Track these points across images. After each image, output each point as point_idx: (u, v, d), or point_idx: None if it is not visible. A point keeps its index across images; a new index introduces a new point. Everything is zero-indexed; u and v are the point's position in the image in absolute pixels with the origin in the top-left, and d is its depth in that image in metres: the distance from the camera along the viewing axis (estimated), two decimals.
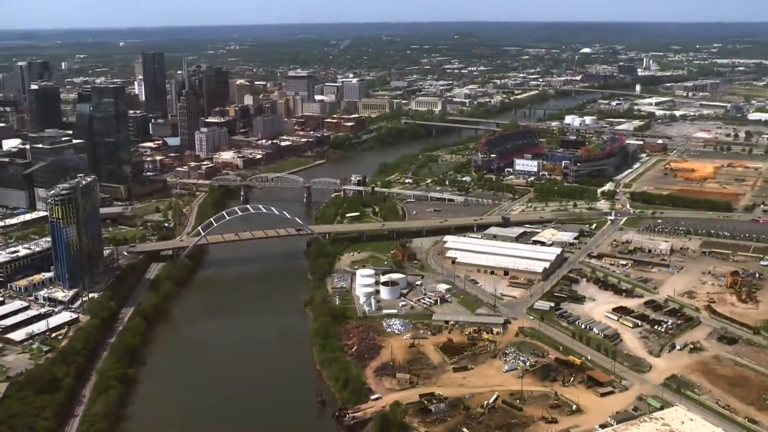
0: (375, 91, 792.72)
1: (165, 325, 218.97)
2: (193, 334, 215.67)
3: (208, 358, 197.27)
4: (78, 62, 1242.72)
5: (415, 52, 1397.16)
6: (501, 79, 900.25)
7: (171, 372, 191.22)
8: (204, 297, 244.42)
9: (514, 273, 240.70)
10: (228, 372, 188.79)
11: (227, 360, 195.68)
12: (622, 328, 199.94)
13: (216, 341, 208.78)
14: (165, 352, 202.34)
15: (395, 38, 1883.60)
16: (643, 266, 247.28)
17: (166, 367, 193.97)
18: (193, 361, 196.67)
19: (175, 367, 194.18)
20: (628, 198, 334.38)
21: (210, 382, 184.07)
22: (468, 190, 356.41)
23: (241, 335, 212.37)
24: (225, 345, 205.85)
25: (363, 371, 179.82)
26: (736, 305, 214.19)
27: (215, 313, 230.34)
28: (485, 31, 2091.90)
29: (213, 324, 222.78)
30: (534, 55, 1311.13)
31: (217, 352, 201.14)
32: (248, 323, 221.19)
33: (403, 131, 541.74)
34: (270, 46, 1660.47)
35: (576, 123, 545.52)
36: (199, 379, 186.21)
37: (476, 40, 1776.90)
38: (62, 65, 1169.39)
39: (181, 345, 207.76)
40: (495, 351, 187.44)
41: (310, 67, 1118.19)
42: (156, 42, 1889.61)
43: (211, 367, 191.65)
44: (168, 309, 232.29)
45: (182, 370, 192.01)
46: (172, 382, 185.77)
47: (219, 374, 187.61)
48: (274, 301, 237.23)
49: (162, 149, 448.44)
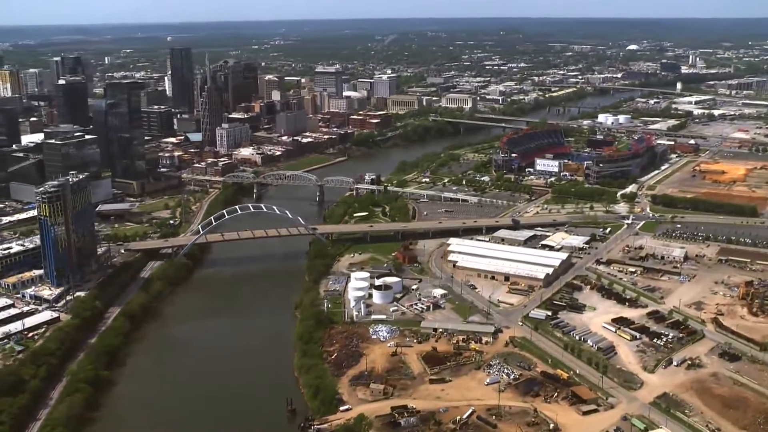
0: (410, 88, 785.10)
1: (152, 326, 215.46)
2: (180, 334, 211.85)
3: (188, 361, 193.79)
4: (122, 57, 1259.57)
5: (458, 49, 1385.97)
6: (539, 77, 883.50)
7: (148, 374, 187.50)
8: (198, 296, 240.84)
9: (515, 279, 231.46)
10: (205, 376, 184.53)
11: (208, 363, 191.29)
12: (618, 341, 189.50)
13: (200, 343, 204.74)
14: (146, 353, 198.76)
15: (440, 34, 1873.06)
16: (652, 274, 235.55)
17: (144, 368, 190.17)
18: (172, 364, 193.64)
19: (153, 369, 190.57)
20: (649, 201, 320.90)
21: (185, 385, 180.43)
22: (484, 191, 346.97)
23: (228, 337, 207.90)
24: (209, 347, 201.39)
25: (339, 380, 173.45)
26: (746, 318, 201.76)
27: (206, 314, 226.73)
28: (532, 27, 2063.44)
29: (201, 325, 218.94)
30: (578, 51, 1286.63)
31: (199, 355, 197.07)
32: (237, 324, 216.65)
33: (430, 129, 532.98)
34: (315, 41, 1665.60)
35: (609, 122, 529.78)
36: (175, 382, 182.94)
37: (522, 36, 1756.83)
38: (105, 60, 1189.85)
39: (165, 346, 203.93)
40: (480, 362, 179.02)
41: (349, 62, 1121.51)
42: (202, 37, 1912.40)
43: (190, 370, 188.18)
44: (160, 308, 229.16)
45: (160, 372, 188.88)
46: (147, 384, 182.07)
47: (196, 378, 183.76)
48: (268, 303, 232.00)
49: (182, 145, 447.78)
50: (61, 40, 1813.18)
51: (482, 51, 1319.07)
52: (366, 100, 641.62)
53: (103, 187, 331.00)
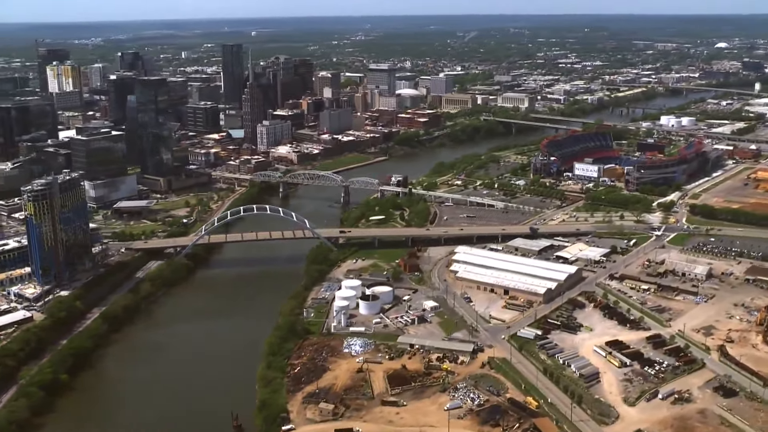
0: (474, 86, 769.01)
1: (133, 328, 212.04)
2: (158, 338, 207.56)
3: (156, 367, 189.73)
4: (200, 52, 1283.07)
5: (536, 46, 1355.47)
6: (611, 75, 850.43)
7: (110, 380, 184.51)
8: (191, 299, 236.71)
9: (515, 293, 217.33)
10: (167, 383, 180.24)
11: (174, 370, 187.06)
12: (606, 367, 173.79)
13: (175, 348, 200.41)
14: (117, 357, 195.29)
15: (523, 31, 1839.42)
16: (667, 293, 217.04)
17: (108, 374, 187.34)
18: (138, 369, 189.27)
19: (117, 374, 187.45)
20: (687, 211, 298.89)
21: (143, 393, 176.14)
22: (515, 195, 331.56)
23: (205, 343, 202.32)
24: (182, 353, 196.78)
25: (293, 396, 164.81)
26: (758, 348, 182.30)
27: (192, 317, 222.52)
28: (620, 23, 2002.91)
29: (184, 328, 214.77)
30: (661, 49, 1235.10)
31: (169, 361, 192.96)
32: (220, 330, 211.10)
33: (480, 129, 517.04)
34: (397, 37, 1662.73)
35: (671, 124, 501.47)
36: (134, 388, 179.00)
37: (607, 33, 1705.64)
38: (182, 54, 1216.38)
39: (138, 350, 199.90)
40: (447, 384, 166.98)
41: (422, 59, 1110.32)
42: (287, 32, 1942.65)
43: (154, 377, 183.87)
44: (150, 310, 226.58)
45: (124, 377, 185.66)
46: (105, 391, 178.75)
47: (155, 386, 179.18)
48: (257, 308, 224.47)
49: (223, 141, 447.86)
50: (151, 35, 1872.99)
51: (560, 48, 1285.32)
52: (422, 98, 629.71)
53: (127, 184, 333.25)
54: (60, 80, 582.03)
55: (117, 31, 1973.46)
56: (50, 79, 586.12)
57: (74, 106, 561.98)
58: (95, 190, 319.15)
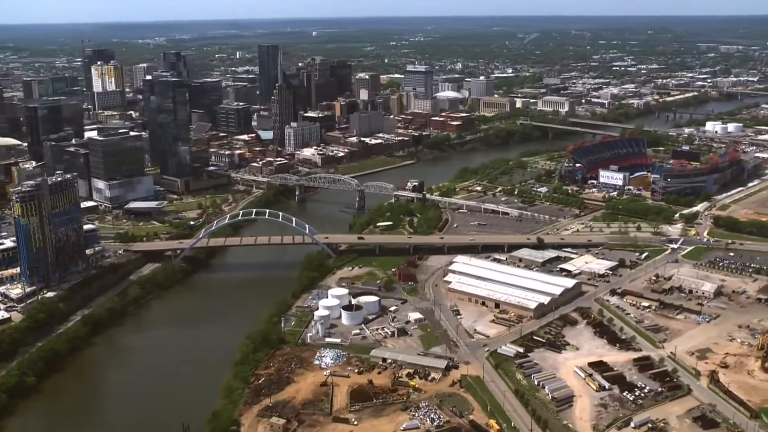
0: (521, 88, 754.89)
1: (115, 331, 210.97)
2: (137, 343, 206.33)
3: (127, 372, 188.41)
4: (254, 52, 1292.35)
5: (595, 48, 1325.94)
6: (665, 79, 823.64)
7: (78, 384, 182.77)
8: (180, 303, 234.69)
9: (506, 307, 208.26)
10: (131, 390, 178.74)
11: (143, 376, 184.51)
12: (583, 390, 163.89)
13: (151, 353, 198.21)
14: (92, 361, 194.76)
15: (585, 33, 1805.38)
16: (668, 311, 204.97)
17: (78, 378, 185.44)
18: (110, 374, 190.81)
19: (88, 378, 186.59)
20: (711, 223, 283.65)
21: (104, 399, 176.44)
22: (533, 203, 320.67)
23: (184, 348, 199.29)
24: (156, 358, 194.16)
25: (249, 408, 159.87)
26: (753, 375, 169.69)
27: (178, 321, 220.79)
28: (686, 25, 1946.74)
29: (166, 333, 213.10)
30: (724, 52, 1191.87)
31: (142, 366, 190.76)
32: (203, 335, 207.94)
33: (514, 133, 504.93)
34: (457, 38, 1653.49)
35: (716, 130, 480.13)
36: (97, 394, 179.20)
37: (671, 35, 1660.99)
38: (237, 54, 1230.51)
39: (114, 355, 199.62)
40: (409, 402, 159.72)
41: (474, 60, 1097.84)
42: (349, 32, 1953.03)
43: (121, 383, 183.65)
44: (140, 314, 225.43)
45: (93, 382, 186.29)
46: (69, 396, 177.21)
47: (121, 391, 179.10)
48: (245, 314, 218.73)
49: (250, 143, 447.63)
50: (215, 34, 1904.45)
51: (619, 51, 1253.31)
52: (461, 101, 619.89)
53: (144, 184, 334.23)
54: (103, 80, 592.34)
55: (183, 30, 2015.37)
56: (94, 79, 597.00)
57: (115, 105, 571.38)
58: (110, 190, 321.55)
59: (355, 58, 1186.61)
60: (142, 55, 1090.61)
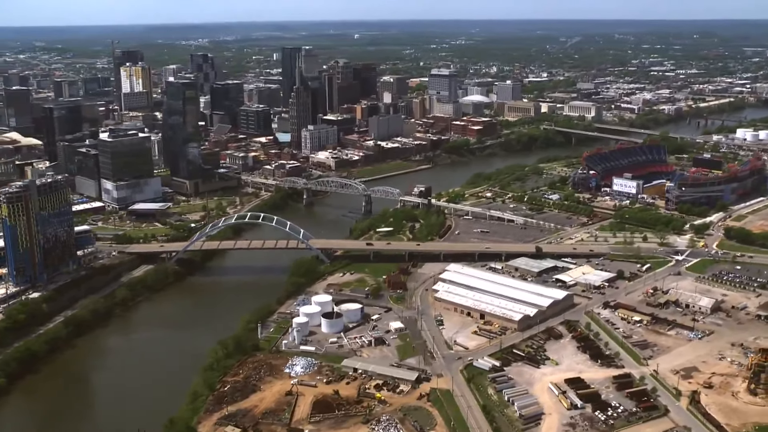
0: (553, 93, 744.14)
1: (99, 333, 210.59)
2: (118, 345, 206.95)
3: (103, 375, 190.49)
4: None
5: (636, 52, 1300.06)
6: (702, 84, 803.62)
7: (49, 386, 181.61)
8: (168, 306, 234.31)
9: (490, 318, 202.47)
10: (104, 392, 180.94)
11: (118, 379, 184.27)
12: (555, 407, 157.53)
13: (129, 356, 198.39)
14: (68, 363, 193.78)
15: (628, 37, 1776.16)
16: (660, 326, 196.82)
17: (51, 380, 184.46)
18: (86, 376, 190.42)
19: (62, 380, 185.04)
20: (722, 234, 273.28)
21: (75, 401, 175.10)
22: (542, 210, 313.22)
23: (162, 352, 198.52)
24: (131, 361, 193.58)
25: (208, 416, 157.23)
26: (738, 397, 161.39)
27: (163, 324, 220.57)
28: (733, 29, 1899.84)
29: (149, 335, 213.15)
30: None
31: (119, 368, 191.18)
32: (185, 338, 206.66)
33: (536, 138, 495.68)
34: (498, 41, 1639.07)
35: (746, 137, 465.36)
36: (68, 396, 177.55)
37: (717, 39, 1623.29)
38: (273, 56, 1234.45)
39: (91, 356, 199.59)
40: (371, 415, 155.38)
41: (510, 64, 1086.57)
42: (391, 35, 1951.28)
43: (96, 385, 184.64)
44: (126, 316, 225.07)
45: (67, 384, 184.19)
46: (39, 398, 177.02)
47: (92, 394, 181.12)
48: (232, 317, 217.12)
49: (267, 145, 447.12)
50: (258, 36, 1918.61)
51: (661, 56, 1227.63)
52: (487, 105, 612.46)
53: (151, 185, 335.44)
54: (131, 81, 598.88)
55: (229, 32, 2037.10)
56: (123, 80, 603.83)
57: (141, 106, 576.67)
58: (118, 191, 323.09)
59: (390, 61, 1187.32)
60: (182, 57, 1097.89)
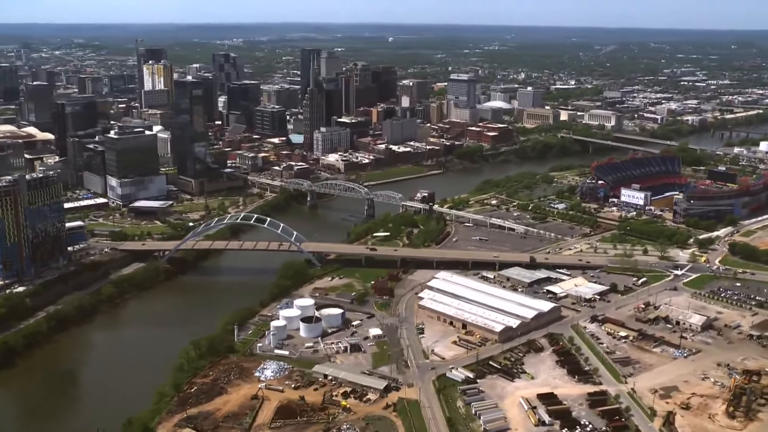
0: (577, 101, 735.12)
1: (82, 329, 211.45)
2: (96, 341, 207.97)
3: (78, 371, 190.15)
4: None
5: (670, 62, 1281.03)
6: (732, 95, 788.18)
7: (24, 381, 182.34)
8: (155, 304, 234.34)
9: (472, 328, 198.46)
10: (75, 389, 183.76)
11: (92, 376, 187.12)
12: (522, 423, 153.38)
13: (105, 353, 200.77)
14: (45, 358, 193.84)
15: (664, 46, 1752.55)
16: (646, 342, 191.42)
17: (27, 374, 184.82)
18: (55, 372, 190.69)
19: (36, 375, 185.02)
20: (727, 250, 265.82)
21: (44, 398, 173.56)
22: (545, 220, 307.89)
23: (140, 350, 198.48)
24: (110, 359, 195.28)
25: (171, 417, 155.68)
26: (714, 419, 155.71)
27: (148, 322, 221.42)
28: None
29: (132, 333, 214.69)
30: None
31: (94, 365, 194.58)
32: (167, 336, 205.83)
33: (553, 146, 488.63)
34: (531, 47, 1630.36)
35: (766, 150, 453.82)
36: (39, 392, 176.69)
37: (755, 50, 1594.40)
38: None
39: (68, 352, 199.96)
40: (332, 423, 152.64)
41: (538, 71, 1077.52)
42: (425, 39, 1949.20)
43: (68, 382, 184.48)
44: (113, 313, 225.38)
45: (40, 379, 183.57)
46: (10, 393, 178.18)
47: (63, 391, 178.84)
48: (214, 318, 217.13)
49: (279, 146, 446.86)
50: (294, 36, 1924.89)
51: (693, 65, 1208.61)
52: (506, 111, 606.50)
53: (156, 183, 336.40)
54: (153, 78, 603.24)
55: (265, 32, 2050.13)
56: (145, 78, 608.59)
57: (161, 104, 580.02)
58: (122, 187, 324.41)
59: (419, 65, 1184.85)
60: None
